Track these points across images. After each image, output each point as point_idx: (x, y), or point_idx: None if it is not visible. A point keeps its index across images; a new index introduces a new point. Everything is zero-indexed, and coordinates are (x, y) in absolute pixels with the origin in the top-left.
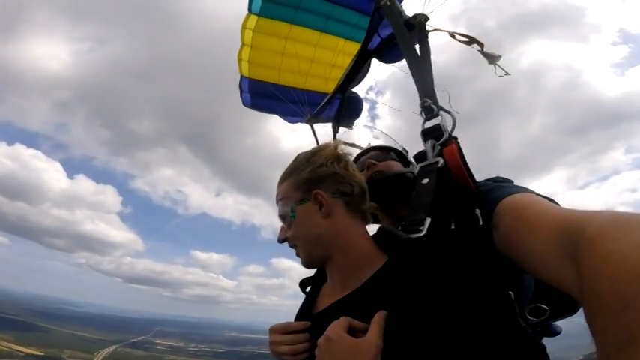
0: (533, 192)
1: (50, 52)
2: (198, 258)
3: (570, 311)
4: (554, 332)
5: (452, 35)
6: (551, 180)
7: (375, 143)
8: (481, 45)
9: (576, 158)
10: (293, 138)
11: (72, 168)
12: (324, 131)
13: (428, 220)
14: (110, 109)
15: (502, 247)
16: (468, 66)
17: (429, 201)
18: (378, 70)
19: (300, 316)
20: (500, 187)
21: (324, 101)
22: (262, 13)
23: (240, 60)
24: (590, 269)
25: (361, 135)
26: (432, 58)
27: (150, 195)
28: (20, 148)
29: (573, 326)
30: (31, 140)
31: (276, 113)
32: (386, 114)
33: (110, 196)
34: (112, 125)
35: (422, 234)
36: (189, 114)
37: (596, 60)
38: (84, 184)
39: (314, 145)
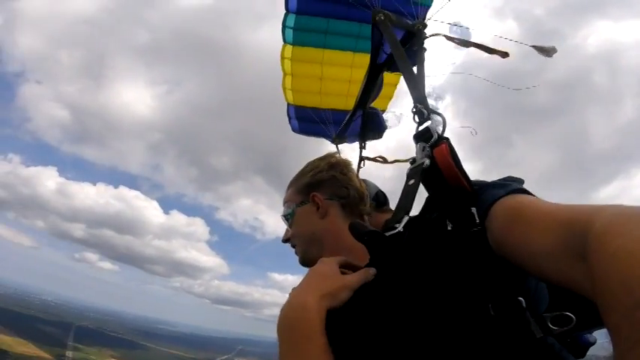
0: (530, 193)
1: (137, 96)
2: (275, 280)
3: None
4: (586, 343)
5: (449, 39)
6: None
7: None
8: (486, 49)
9: None
10: (354, 156)
11: (167, 205)
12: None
13: (405, 218)
14: (193, 147)
15: (497, 248)
16: (531, 58)
17: (411, 200)
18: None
19: None
20: (496, 187)
21: (346, 120)
22: (295, 42)
23: (284, 89)
24: (600, 267)
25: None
26: (487, 55)
27: (232, 224)
28: (124, 190)
29: None
30: (132, 182)
31: (323, 136)
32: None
33: (199, 226)
34: (197, 163)
35: (396, 231)
36: (260, 146)
37: None
38: (177, 218)
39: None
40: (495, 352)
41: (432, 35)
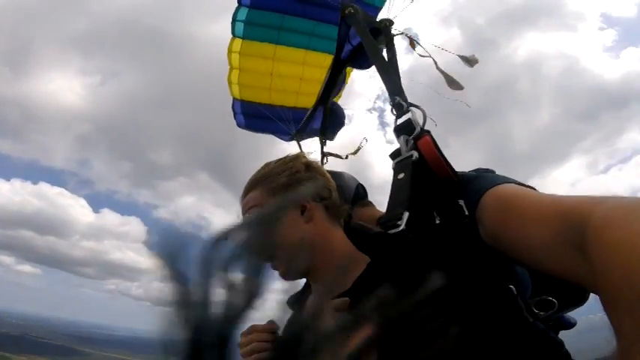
0: (516, 182)
1: (65, 85)
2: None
3: (579, 301)
4: (568, 325)
5: (412, 43)
6: (571, 167)
7: None
8: (435, 62)
9: (592, 143)
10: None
11: (96, 203)
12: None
13: (406, 214)
14: (129, 141)
15: (491, 241)
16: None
17: (407, 195)
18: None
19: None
20: (482, 178)
21: (307, 116)
22: (246, 36)
23: (230, 83)
24: (601, 260)
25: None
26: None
27: (174, 223)
28: (45, 187)
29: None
30: (55, 178)
31: (272, 133)
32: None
33: (135, 226)
34: (133, 157)
35: (400, 229)
36: (206, 140)
37: (589, 46)
38: (109, 217)
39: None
40: (497, 340)
41: (400, 34)
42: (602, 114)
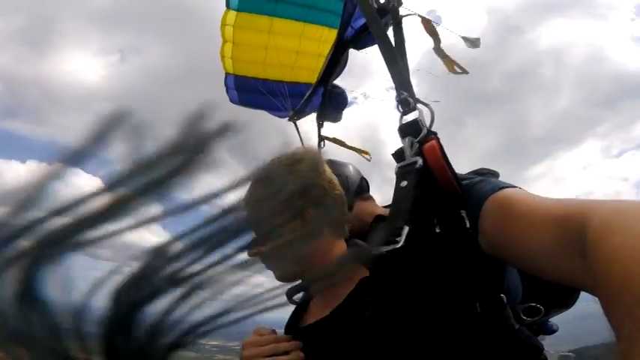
0: (516, 187)
1: (85, 64)
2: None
3: (563, 305)
4: (550, 331)
5: (423, 20)
6: (584, 150)
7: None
8: (437, 42)
9: (608, 128)
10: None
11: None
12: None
13: (405, 230)
14: (149, 118)
15: (490, 249)
16: (492, 50)
17: (408, 207)
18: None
19: (288, 328)
20: (483, 184)
21: (305, 97)
22: (241, 9)
23: (222, 57)
24: (601, 264)
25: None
26: (454, 42)
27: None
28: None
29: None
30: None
31: (266, 109)
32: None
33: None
34: (152, 135)
35: (398, 245)
36: (226, 117)
37: (617, 35)
38: None
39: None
40: (483, 347)
41: (408, 15)
42: (621, 102)
